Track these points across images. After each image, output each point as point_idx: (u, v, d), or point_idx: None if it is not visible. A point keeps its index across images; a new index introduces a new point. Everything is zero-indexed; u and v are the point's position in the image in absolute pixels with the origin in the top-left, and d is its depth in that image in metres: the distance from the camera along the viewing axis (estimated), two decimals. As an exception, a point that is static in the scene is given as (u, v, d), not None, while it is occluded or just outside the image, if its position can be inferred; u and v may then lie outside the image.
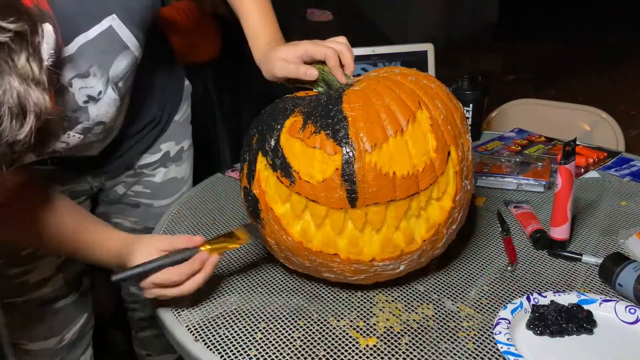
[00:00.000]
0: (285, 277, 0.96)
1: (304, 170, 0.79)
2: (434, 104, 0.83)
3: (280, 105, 0.87)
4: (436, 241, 0.85)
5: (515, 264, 0.97)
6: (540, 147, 1.44)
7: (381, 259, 0.82)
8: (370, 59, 1.55)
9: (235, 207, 1.21)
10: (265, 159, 0.83)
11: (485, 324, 0.83)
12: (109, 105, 0.95)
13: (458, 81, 1.52)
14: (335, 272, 0.85)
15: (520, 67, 5.16)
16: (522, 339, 0.79)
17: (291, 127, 0.82)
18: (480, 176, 1.26)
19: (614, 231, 1.06)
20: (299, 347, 0.79)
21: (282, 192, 0.82)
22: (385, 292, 0.91)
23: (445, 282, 0.93)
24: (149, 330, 1.48)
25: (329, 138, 0.78)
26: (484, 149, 1.44)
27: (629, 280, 0.85)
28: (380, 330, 0.82)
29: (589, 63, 5.18)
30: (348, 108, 0.80)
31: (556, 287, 0.90)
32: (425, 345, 0.79)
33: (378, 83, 0.84)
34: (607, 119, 1.77)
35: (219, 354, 0.78)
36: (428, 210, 0.83)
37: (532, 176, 1.25)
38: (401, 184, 0.78)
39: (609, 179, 1.28)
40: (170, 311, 0.88)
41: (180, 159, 1.26)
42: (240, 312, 0.87)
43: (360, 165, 0.77)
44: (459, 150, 0.83)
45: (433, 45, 1.58)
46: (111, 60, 0.90)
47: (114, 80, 0.93)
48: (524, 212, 1.11)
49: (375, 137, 0.78)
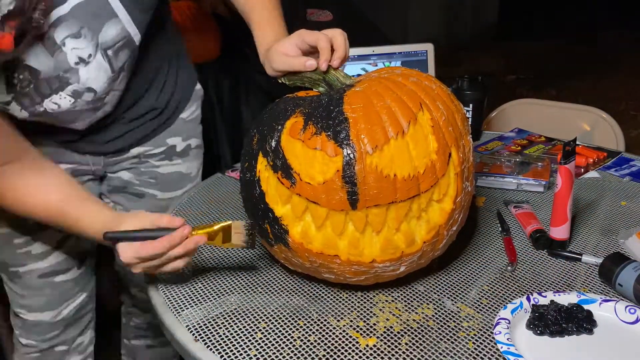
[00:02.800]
0: (285, 277, 0.96)
1: (304, 172, 0.79)
2: (435, 105, 0.83)
3: (281, 105, 0.87)
4: (436, 242, 0.85)
5: (515, 264, 0.97)
6: (540, 147, 1.44)
7: (381, 261, 0.82)
8: (370, 59, 1.55)
9: (235, 207, 1.21)
10: (266, 159, 0.83)
11: (485, 324, 0.83)
12: (98, 71, 0.98)
13: (458, 81, 1.52)
14: (336, 273, 0.85)
15: (520, 67, 5.16)
16: (522, 339, 0.79)
17: (292, 128, 0.82)
18: (480, 176, 1.27)
19: (614, 231, 1.06)
20: (299, 347, 0.79)
21: (282, 193, 0.82)
22: (385, 292, 0.91)
23: (445, 282, 0.93)
24: (143, 340, 1.48)
25: (329, 139, 0.78)
26: (484, 149, 1.44)
27: (629, 280, 0.85)
28: (380, 330, 0.82)
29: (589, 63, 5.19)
30: (349, 109, 0.80)
31: (556, 287, 0.91)
32: (425, 345, 0.79)
33: (379, 84, 0.84)
34: (607, 119, 1.77)
35: (219, 354, 0.78)
36: (429, 211, 0.83)
37: (532, 176, 1.25)
38: (402, 185, 0.79)
39: (609, 179, 1.28)
40: (170, 311, 0.88)
41: (187, 155, 1.28)
42: (240, 312, 0.87)
43: (361, 167, 0.77)
44: (460, 151, 0.83)
45: (433, 45, 1.58)
46: (100, 26, 0.95)
47: (103, 47, 0.97)
48: (524, 212, 1.11)
49: (376, 138, 0.78)
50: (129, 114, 1.16)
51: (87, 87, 0.99)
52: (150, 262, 0.86)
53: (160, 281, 0.96)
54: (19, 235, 1.14)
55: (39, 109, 0.98)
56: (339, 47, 0.92)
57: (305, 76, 0.94)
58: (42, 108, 0.98)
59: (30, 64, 0.92)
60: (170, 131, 1.24)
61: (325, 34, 0.93)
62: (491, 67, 5.13)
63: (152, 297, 0.93)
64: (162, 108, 1.20)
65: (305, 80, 0.95)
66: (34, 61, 0.92)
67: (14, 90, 0.93)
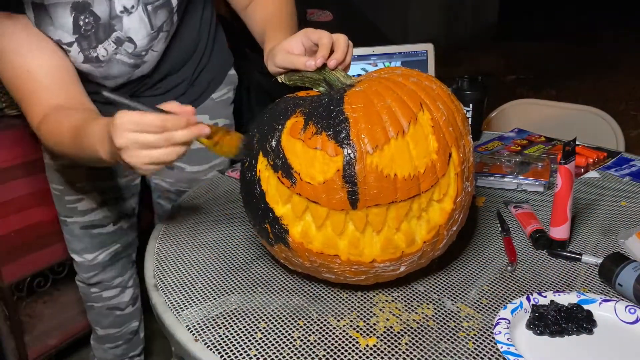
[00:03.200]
0: (285, 277, 0.96)
1: (305, 171, 0.79)
2: (436, 105, 0.83)
3: (281, 105, 0.87)
4: (437, 242, 0.86)
5: (515, 264, 0.97)
6: (540, 147, 1.44)
7: (382, 260, 0.82)
8: (370, 59, 1.55)
9: (235, 207, 1.21)
10: (266, 159, 0.83)
11: (485, 324, 0.83)
12: (139, 23, 1.11)
13: (458, 81, 1.52)
14: (336, 273, 0.85)
15: (520, 67, 5.16)
16: (522, 339, 0.79)
17: (292, 127, 0.82)
18: (480, 176, 1.27)
19: (614, 231, 1.06)
20: (299, 347, 0.79)
21: (283, 193, 0.82)
22: (385, 292, 0.91)
23: (445, 282, 0.93)
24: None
25: (330, 139, 0.78)
26: (484, 149, 1.44)
27: (628, 280, 0.85)
28: (380, 330, 0.82)
29: (589, 63, 5.19)
30: (349, 109, 0.80)
31: (556, 287, 0.91)
32: (425, 345, 0.79)
33: (379, 84, 0.84)
34: (607, 119, 1.77)
35: (219, 354, 0.78)
36: (429, 211, 0.83)
37: (532, 176, 1.25)
38: (402, 185, 0.79)
39: (609, 179, 1.28)
40: (170, 311, 0.88)
41: None
42: (240, 312, 0.87)
43: (362, 166, 0.77)
44: (460, 151, 0.83)
45: (433, 45, 1.58)
46: None
47: (144, 2, 1.09)
48: (524, 212, 1.11)
49: (377, 138, 0.78)
50: (164, 83, 1.28)
51: (128, 36, 1.11)
52: (147, 137, 0.77)
53: (160, 281, 0.96)
54: (69, 194, 1.39)
55: (93, 53, 1.10)
56: (338, 49, 0.93)
57: (306, 76, 0.94)
58: (95, 53, 1.10)
59: (95, 10, 1.05)
60: (200, 109, 1.35)
61: (329, 34, 0.94)
62: (491, 67, 5.13)
63: (152, 297, 0.93)
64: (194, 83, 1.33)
65: (306, 80, 0.95)
66: (97, 7, 1.06)
67: (79, 31, 1.06)
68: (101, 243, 1.47)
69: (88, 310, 1.61)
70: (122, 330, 1.63)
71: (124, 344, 1.65)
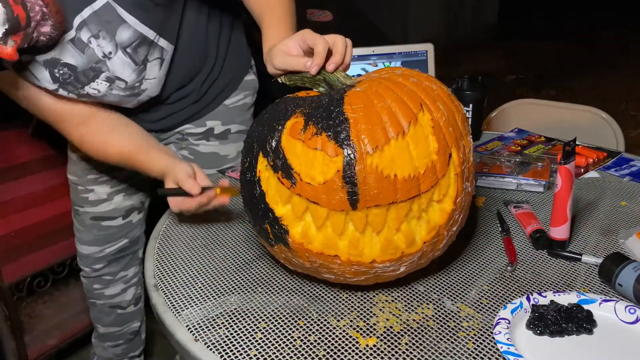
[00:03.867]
0: (285, 277, 0.96)
1: (305, 172, 0.79)
2: (436, 105, 0.83)
3: (281, 105, 0.87)
4: (437, 243, 0.86)
5: (515, 264, 0.97)
6: (540, 147, 1.44)
7: (382, 261, 0.82)
8: (370, 59, 1.55)
9: (235, 207, 1.21)
10: (266, 159, 0.83)
11: (485, 324, 0.83)
12: (122, 65, 1.14)
13: (458, 81, 1.52)
14: (336, 273, 0.85)
15: (520, 67, 5.16)
16: (522, 339, 0.79)
17: (292, 128, 0.82)
18: (480, 176, 1.27)
19: (614, 231, 1.06)
20: (299, 347, 0.79)
21: (283, 193, 0.82)
22: (385, 292, 0.91)
23: (445, 282, 0.93)
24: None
25: (330, 140, 0.78)
26: (484, 149, 1.44)
27: (628, 280, 0.85)
28: (380, 330, 0.82)
29: (589, 63, 5.19)
30: (349, 109, 0.80)
31: (556, 287, 0.91)
32: (425, 345, 0.79)
33: (379, 84, 0.84)
34: (607, 119, 1.77)
35: (219, 354, 0.78)
36: (429, 212, 0.83)
37: (532, 176, 1.25)
38: (402, 186, 0.79)
39: (609, 179, 1.28)
40: (170, 311, 0.88)
41: (226, 138, 1.42)
42: (240, 312, 0.87)
43: (362, 167, 0.77)
44: (460, 152, 0.83)
45: (433, 45, 1.58)
46: (114, 30, 1.10)
47: (121, 46, 1.12)
48: (524, 212, 1.11)
49: (377, 139, 0.78)
50: (175, 95, 1.32)
51: (116, 76, 1.15)
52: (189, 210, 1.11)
53: (160, 281, 0.96)
54: (82, 184, 1.45)
55: (83, 92, 1.14)
56: (336, 52, 0.92)
57: (306, 76, 0.94)
58: (85, 91, 1.14)
59: (67, 61, 1.08)
60: (211, 115, 1.39)
61: (326, 38, 0.92)
62: (491, 67, 5.14)
63: (152, 297, 0.93)
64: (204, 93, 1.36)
65: (306, 80, 0.95)
66: (70, 59, 1.08)
67: (58, 81, 1.10)
68: (109, 236, 1.51)
69: (90, 307, 1.63)
70: (122, 330, 1.63)
71: (124, 343, 1.66)
